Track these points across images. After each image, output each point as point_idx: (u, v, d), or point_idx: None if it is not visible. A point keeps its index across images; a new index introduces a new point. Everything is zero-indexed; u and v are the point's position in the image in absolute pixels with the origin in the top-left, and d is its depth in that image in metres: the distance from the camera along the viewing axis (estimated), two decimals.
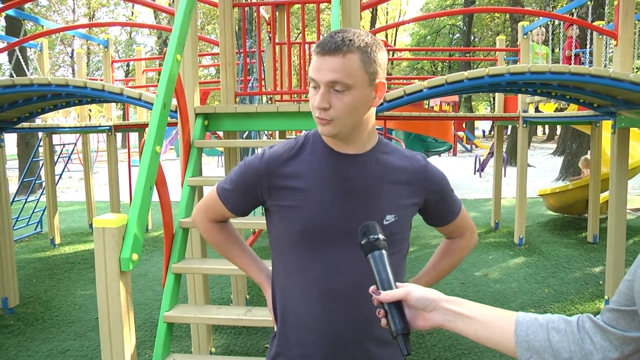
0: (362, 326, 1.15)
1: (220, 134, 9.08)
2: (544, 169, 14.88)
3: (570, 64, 6.17)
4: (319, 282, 1.13)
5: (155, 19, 28.33)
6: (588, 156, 7.77)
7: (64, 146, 8.74)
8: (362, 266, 1.12)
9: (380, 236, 0.95)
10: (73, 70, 29.57)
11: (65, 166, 9.18)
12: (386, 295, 0.88)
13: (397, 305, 0.88)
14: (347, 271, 1.13)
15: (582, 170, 7.93)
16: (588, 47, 5.82)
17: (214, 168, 17.70)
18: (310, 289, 1.14)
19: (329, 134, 1.10)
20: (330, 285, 1.13)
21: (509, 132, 16.51)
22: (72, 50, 29.44)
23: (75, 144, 12.24)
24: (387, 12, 35.85)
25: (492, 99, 32.38)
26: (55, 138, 9.69)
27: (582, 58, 6.97)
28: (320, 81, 1.06)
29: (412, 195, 1.20)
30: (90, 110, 11.37)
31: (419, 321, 0.88)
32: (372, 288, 0.91)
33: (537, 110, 6.59)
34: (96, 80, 9.88)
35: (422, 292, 0.87)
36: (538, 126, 35.41)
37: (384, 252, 0.94)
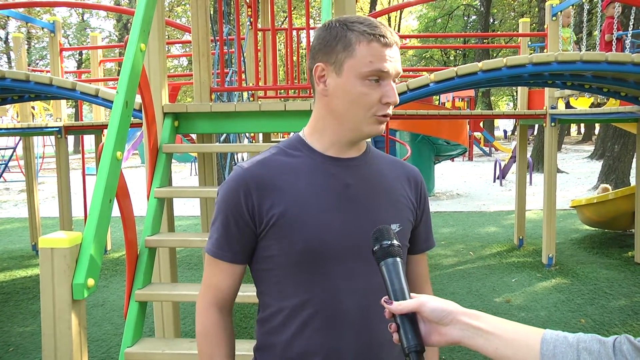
0: (370, 353, 1.19)
1: (194, 136, 9.10)
2: (578, 175, 15.04)
3: (610, 50, 6.29)
4: (323, 306, 1.17)
5: None
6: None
7: None
8: (370, 285, 1.18)
9: (395, 242, 1.00)
10: (9, 58, 29.45)
11: (0, 175, 9.16)
12: (398, 306, 0.92)
13: (411, 319, 0.93)
14: (353, 292, 1.18)
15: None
16: (630, 28, 5.86)
17: (186, 177, 17.69)
18: (310, 317, 1.18)
19: (382, 133, 1.22)
20: (333, 309, 1.17)
21: (535, 132, 16.68)
22: (7, 33, 29.32)
23: (14, 149, 12.23)
24: None
25: (514, 94, 32.67)
26: None
27: (625, 42, 7.02)
28: (392, 73, 1.15)
29: (411, 202, 1.29)
30: (33, 108, 11.38)
31: (434, 336, 0.92)
32: (384, 298, 0.96)
33: (567, 106, 6.66)
34: (41, 72, 9.91)
35: (437, 303, 0.92)
36: (571, 125, 35.81)
37: (398, 259, 0.99)
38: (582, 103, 7.36)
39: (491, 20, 28.88)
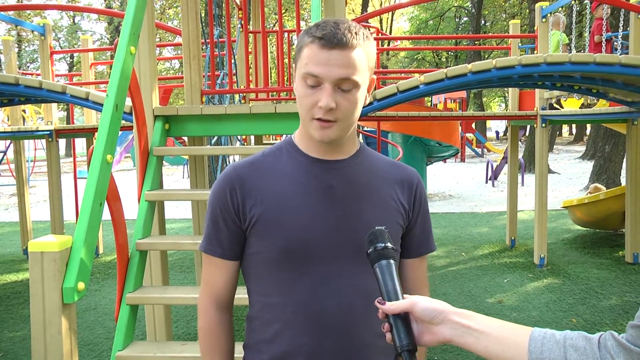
0: (354, 355, 1.20)
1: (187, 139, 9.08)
2: (570, 175, 15.11)
3: (599, 51, 6.34)
4: (305, 305, 1.19)
5: (105, 0, 28.31)
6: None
7: None
8: (352, 286, 1.19)
9: (389, 244, 1.02)
10: None
11: None
12: (391, 306, 0.94)
13: (404, 319, 0.95)
14: (335, 293, 1.19)
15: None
16: (621, 30, 5.92)
17: (178, 179, 17.65)
18: (293, 315, 1.19)
19: (329, 139, 1.15)
20: (317, 308, 1.18)
21: (527, 133, 16.76)
22: None
23: (4, 153, 12.15)
24: None
25: (506, 95, 32.83)
26: None
27: (614, 43, 7.07)
28: (326, 78, 1.09)
29: (401, 205, 1.28)
30: (24, 111, 11.31)
31: (426, 336, 0.94)
32: (378, 299, 0.98)
33: (552, 107, 6.67)
34: (31, 75, 9.85)
35: (429, 303, 0.94)
36: (563, 126, 36.03)
37: (391, 261, 1.01)
38: (573, 104, 7.41)
39: (482, 22, 29.00)
